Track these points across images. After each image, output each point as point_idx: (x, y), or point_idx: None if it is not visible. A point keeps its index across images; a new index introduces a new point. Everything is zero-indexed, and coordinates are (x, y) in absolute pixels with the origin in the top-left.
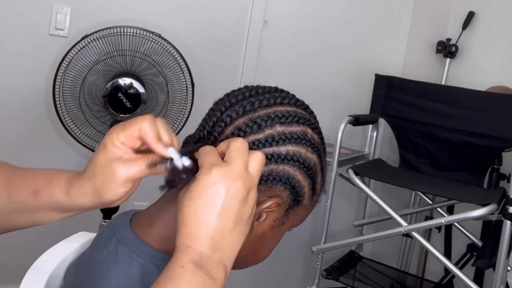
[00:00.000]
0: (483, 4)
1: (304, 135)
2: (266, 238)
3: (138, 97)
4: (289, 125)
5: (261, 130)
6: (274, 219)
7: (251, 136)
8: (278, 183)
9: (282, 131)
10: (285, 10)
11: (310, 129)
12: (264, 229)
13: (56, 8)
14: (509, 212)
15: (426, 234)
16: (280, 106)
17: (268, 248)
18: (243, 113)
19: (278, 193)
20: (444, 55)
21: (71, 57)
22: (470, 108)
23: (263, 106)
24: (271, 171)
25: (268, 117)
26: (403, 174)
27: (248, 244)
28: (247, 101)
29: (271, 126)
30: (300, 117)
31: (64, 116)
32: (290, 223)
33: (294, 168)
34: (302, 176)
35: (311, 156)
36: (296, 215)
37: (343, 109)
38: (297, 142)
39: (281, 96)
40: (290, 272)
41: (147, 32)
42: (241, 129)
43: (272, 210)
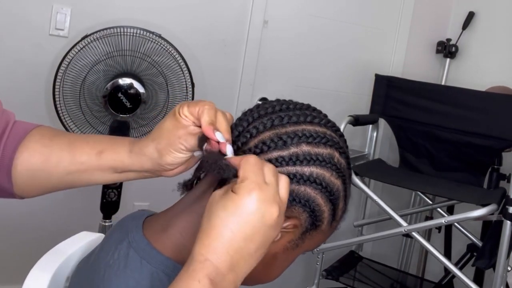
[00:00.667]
0: (483, 4)
1: (331, 158)
2: (279, 259)
3: (138, 97)
4: (316, 145)
5: (286, 147)
6: (289, 241)
7: (275, 152)
8: (298, 204)
9: (308, 151)
10: (285, 10)
11: (338, 153)
12: (277, 249)
13: (56, 8)
14: (509, 212)
15: (426, 234)
16: (309, 125)
17: (279, 269)
18: (271, 127)
19: (296, 215)
20: (444, 55)
21: (71, 57)
22: (470, 108)
23: (292, 123)
24: (291, 191)
25: (295, 134)
26: (403, 174)
27: (259, 265)
28: (276, 115)
29: (297, 145)
30: (329, 139)
31: (64, 116)
32: (305, 247)
33: (316, 191)
34: (323, 200)
35: (335, 181)
36: (312, 239)
37: (343, 109)
38: (322, 165)
39: (312, 114)
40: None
41: (147, 32)
42: (266, 144)
43: (288, 231)
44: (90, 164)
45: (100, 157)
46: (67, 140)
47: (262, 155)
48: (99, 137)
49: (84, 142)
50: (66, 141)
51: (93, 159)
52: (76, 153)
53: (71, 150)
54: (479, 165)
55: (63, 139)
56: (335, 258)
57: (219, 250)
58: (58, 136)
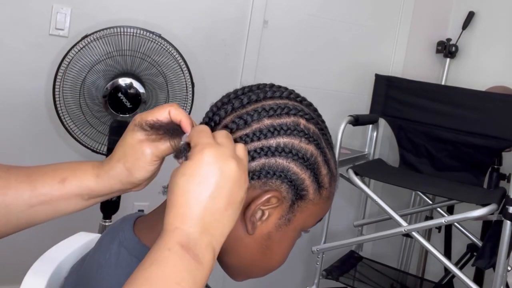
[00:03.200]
0: (483, 4)
1: (296, 125)
2: (274, 239)
3: (138, 97)
4: (278, 117)
5: (248, 125)
6: (278, 217)
7: (238, 132)
8: (273, 177)
9: (270, 124)
10: (285, 10)
11: (304, 119)
12: (269, 228)
13: (56, 8)
14: (509, 212)
15: (426, 234)
16: (269, 100)
17: (280, 250)
18: (231, 111)
19: (275, 188)
20: (444, 55)
21: (71, 57)
22: (470, 108)
23: (252, 102)
24: (263, 165)
25: (255, 111)
26: (403, 174)
27: (256, 247)
28: (237, 99)
29: (258, 120)
30: (291, 108)
31: (64, 116)
32: (300, 222)
33: (288, 160)
34: (298, 168)
35: (306, 146)
36: (305, 212)
37: (343, 109)
38: (288, 133)
39: (271, 90)
40: (290, 272)
41: (147, 32)
42: (228, 126)
43: (273, 206)
44: (54, 194)
45: (64, 185)
46: (25, 172)
47: None
48: (58, 165)
49: (43, 172)
50: (23, 172)
51: (55, 188)
52: (37, 184)
53: (31, 181)
54: (479, 165)
55: (21, 171)
56: (335, 258)
57: (188, 216)
58: (14, 168)
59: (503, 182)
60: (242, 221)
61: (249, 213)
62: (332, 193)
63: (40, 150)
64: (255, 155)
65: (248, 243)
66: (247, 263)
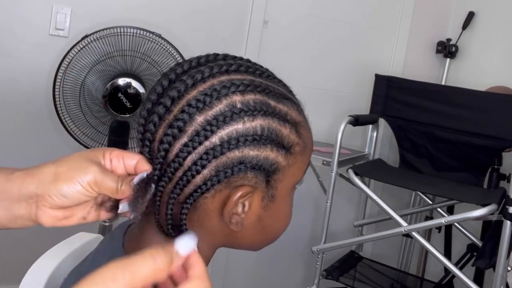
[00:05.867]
0: (483, 4)
1: (231, 108)
2: (267, 217)
3: (138, 97)
4: (209, 107)
5: (182, 132)
6: (260, 200)
7: (177, 144)
8: (233, 174)
9: (204, 120)
10: (285, 10)
11: (239, 94)
12: (256, 214)
13: (56, 8)
14: (509, 212)
15: (426, 234)
16: (192, 90)
17: (279, 219)
18: (159, 120)
19: (240, 182)
20: (444, 55)
21: (71, 57)
22: (470, 108)
23: (175, 101)
24: (216, 168)
25: (182, 112)
26: (403, 174)
27: (254, 233)
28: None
29: (190, 122)
30: (218, 89)
31: (64, 116)
32: (286, 188)
33: (239, 149)
34: (255, 150)
35: (252, 124)
36: (286, 178)
37: (343, 109)
38: (227, 121)
39: (189, 75)
40: (290, 272)
41: (147, 32)
42: (164, 142)
43: (248, 196)
44: None
45: None
46: None
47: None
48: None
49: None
50: None
51: None
52: None
53: None
54: (479, 165)
55: None
56: (335, 258)
57: None
58: None
59: (503, 182)
60: (224, 224)
61: (226, 219)
62: (305, 141)
63: (40, 150)
64: (203, 162)
65: (244, 235)
66: (254, 244)
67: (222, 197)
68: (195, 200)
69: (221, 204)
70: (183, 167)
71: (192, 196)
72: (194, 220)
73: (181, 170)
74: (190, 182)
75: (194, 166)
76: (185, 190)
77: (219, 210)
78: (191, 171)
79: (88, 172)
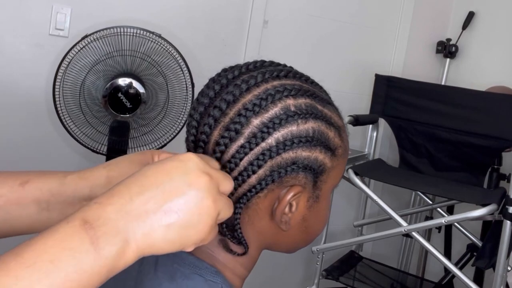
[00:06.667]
0: (483, 4)
1: (286, 111)
2: (310, 217)
3: (138, 97)
4: (265, 111)
5: (239, 134)
6: (306, 200)
7: (233, 146)
8: (286, 174)
9: (260, 123)
10: (285, 10)
11: (292, 98)
12: (302, 214)
13: (56, 8)
14: (509, 212)
15: (426, 234)
16: (247, 94)
17: (319, 220)
18: (215, 123)
19: (291, 182)
20: (444, 55)
21: (71, 57)
22: (470, 108)
23: (230, 104)
24: (271, 168)
25: (239, 115)
26: (403, 174)
27: (297, 233)
28: (214, 107)
29: (246, 124)
30: (273, 93)
31: (64, 116)
32: (328, 189)
33: (293, 150)
34: (307, 151)
35: (305, 127)
36: (329, 179)
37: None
38: (282, 124)
39: (242, 80)
40: (290, 272)
41: (147, 32)
42: (220, 144)
43: (297, 196)
44: (10, 196)
45: (23, 187)
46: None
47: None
48: (33, 171)
49: (10, 173)
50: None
51: (14, 190)
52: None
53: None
54: (479, 165)
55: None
56: (335, 258)
57: (119, 194)
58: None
59: (503, 182)
60: (274, 224)
61: (277, 218)
62: (345, 144)
63: (40, 150)
64: (260, 162)
65: (288, 235)
66: (295, 244)
67: (273, 197)
68: (249, 200)
69: (271, 203)
70: (238, 167)
71: (246, 196)
72: (245, 219)
73: (237, 170)
74: (245, 181)
75: (250, 167)
76: (239, 190)
77: (269, 209)
78: (247, 171)
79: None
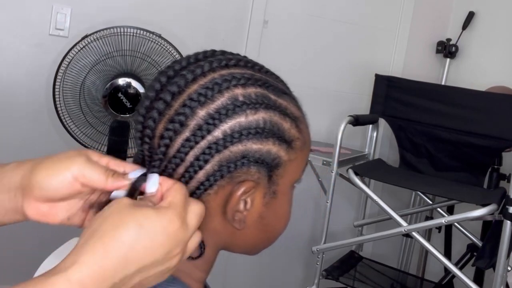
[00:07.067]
0: (483, 4)
1: (234, 101)
2: (268, 215)
3: (138, 97)
4: (211, 101)
5: (184, 126)
6: (262, 197)
7: (178, 139)
8: (236, 168)
9: (206, 114)
10: (285, 10)
11: (240, 87)
12: (258, 211)
13: (56, 8)
14: (509, 212)
15: (426, 234)
16: (193, 84)
17: (280, 217)
18: (159, 116)
19: (243, 177)
20: (444, 55)
21: (71, 57)
22: (470, 108)
23: (175, 96)
24: (219, 163)
25: (184, 106)
26: (403, 174)
27: (255, 232)
28: (159, 100)
29: (191, 116)
30: (219, 83)
31: (64, 116)
32: (286, 184)
33: (242, 143)
34: (257, 143)
35: (254, 117)
36: (287, 174)
37: (343, 109)
38: (229, 115)
39: (189, 70)
40: (290, 272)
41: (147, 32)
42: (164, 137)
43: (251, 192)
44: None
45: None
46: None
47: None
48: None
49: None
50: None
51: None
52: None
53: None
54: (479, 165)
55: None
56: (335, 258)
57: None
58: None
59: (503, 182)
60: (227, 223)
61: (229, 216)
62: (305, 136)
63: (39, 150)
64: (206, 157)
65: (245, 234)
66: (254, 244)
67: (224, 194)
68: (198, 197)
69: (223, 201)
70: (185, 162)
71: (195, 194)
72: None
73: (183, 166)
74: (193, 178)
75: (196, 162)
76: (188, 187)
77: (221, 207)
78: (193, 167)
79: (72, 162)
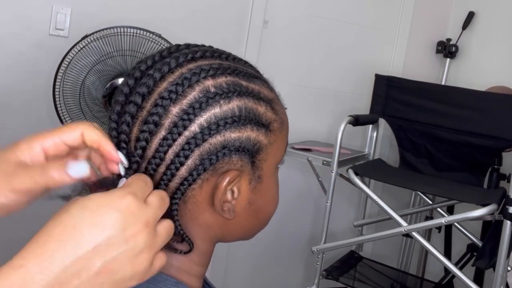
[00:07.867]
0: (483, 4)
1: (205, 93)
2: (257, 199)
3: None
4: (183, 96)
5: (159, 126)
6: (248, 183)
7: (155, 140)
8: (217, 160)
9: (180, 110)
10: (285, 10)
11: (210, 78)
12: (246, 198)
13: (56, 8)
14: (509, 212)
15: (426, 234)
16: (162, 82)
17: (268, 200)
18: (132, 119)
19: (226, 167)
20: (444, 55)
21: (71, 57)
22: (470, 108)
23: (146, 97)
24: (200, 157)
25: (156, 105)
26: (403, 174)
27: (246, 218)
28: (129, 103)
29: (165, 114)
30: (189, 77)
31: (64, 116)
32: (270, 167)
33: (220, 134)
34: (235, 132)
35: (229, 106)
36: (269, 157)
37: (343, 109)
38: (203, 108)
39: (156, 69)
40: (290, 272)
41: (147, 32)
42: (140, 139)
43: (236, 181)
44: None
45: None
46: None
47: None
48: None
49: None
50: None
51: None
52: None
53: None
54: (479, 165)
55: None
56: (335, 258)
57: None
58: None
59: (503, 182)
60: (217, 215)
61: (218, 207)
62: (281, 117)
63: None
64: (186, 153)
65: (237, 222)
66: (248, 231)
67: (210, 187)
68: (183, 194)
69: (210, 194)
70: (165, 161)
71: (179, 190)
72: (187, 215)
73: (164, 165)
74: (175, 175)
75: (177, 158)
76: (171, 185)
77: (209, 200)
78: (174, 164)
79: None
